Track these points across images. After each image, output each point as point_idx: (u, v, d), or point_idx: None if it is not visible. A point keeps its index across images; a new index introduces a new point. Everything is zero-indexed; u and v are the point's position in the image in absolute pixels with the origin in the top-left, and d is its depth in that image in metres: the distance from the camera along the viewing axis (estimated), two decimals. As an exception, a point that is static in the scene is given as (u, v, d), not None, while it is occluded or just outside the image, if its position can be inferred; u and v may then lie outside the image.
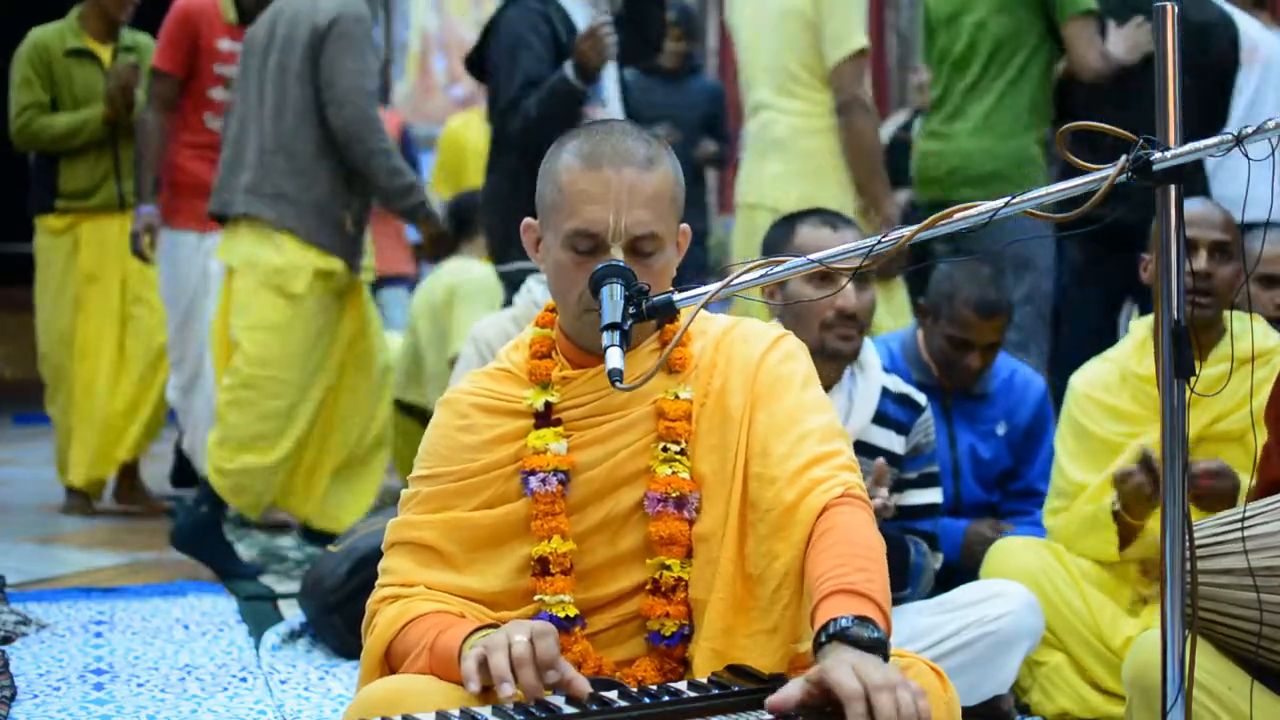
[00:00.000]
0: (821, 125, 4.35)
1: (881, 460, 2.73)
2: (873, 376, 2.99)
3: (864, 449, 2.87)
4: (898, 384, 3.02)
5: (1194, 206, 3.03)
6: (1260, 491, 2.45)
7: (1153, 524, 3.00)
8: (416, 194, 4.45)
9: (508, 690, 1.66)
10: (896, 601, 2.78)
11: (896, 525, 2.90)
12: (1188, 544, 1.72)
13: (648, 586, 1.92)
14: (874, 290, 2.99)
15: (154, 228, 5.13)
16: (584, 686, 1.69)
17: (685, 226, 1.99)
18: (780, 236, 3.03)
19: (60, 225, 5.39)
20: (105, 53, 5.40)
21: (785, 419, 1.91)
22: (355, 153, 4.34)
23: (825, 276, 2.81)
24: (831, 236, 2.92)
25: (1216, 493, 2.87)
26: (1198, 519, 2.17)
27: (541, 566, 1.92)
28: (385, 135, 4.40)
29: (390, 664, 1.91)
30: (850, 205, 4.29)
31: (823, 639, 1.62)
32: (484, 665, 1.69)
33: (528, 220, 2.02)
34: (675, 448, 1.92)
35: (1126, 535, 3.08)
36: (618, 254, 1.87)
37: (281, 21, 4.42)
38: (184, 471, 5.83)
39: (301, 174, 4.38)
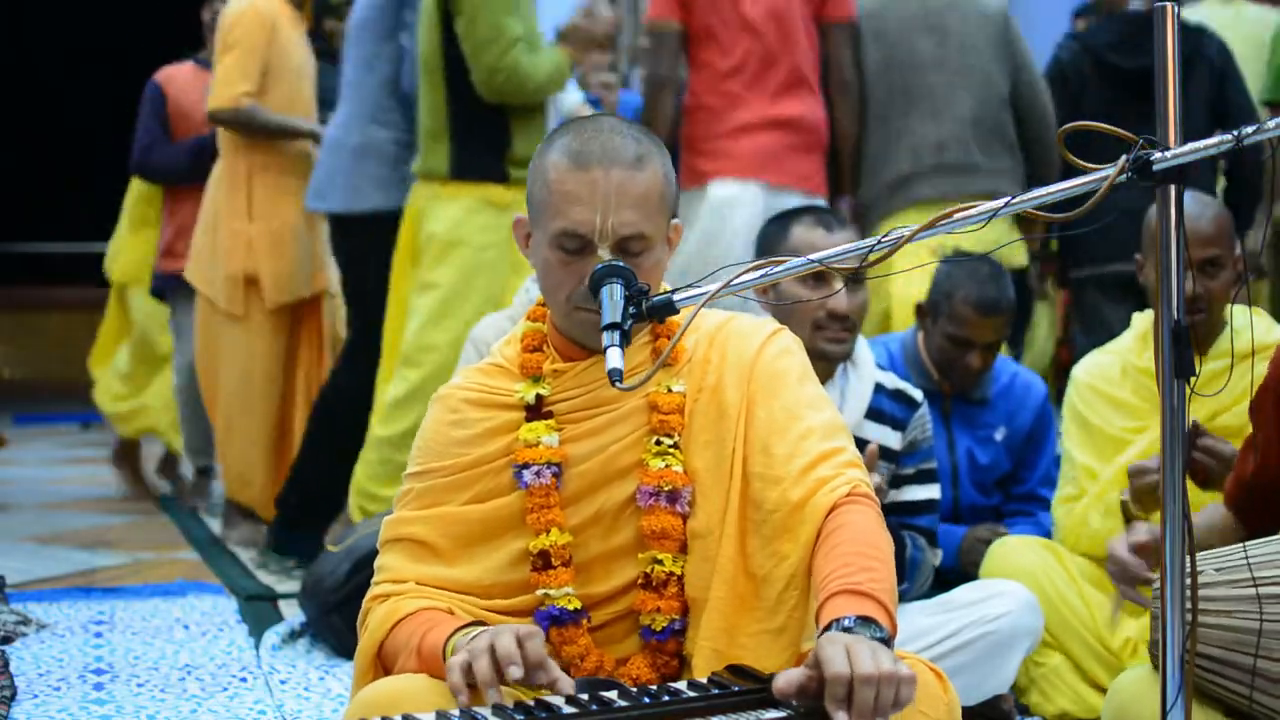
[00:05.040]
0: None
1: (873, 445, 2.72)
2: (865, 373, 2.98)
3: (858, 445, 2.86)
4: (893, 380, 3.01)
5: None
6: (1233, 488, 2.43)
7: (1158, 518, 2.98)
8: None
9: (494, 697, 1.65)
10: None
11: (894, 520, 2.90)
12: (1188, 544, 1.72)
13: (639, 581, 1.91)
14: (867, 292, 2.99)
15: None
16: (568, 687, 1.69)
17: (677, 222, 1.98)
18: (774, 235, 3.02)
19: (509, 199, 4.14)
20: None
21: (785, 416, 1.90)
22: (1047, 138, 4.37)
23: (819, 276, 2.81)
24: (825, 237, 2.91)
25: (1213, 469, 2.85)
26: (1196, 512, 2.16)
27: (543, 560, 1.91)
28: None
29: (383, 663, 1.91)
30: None
31: (826, 639, 1.62)
32: (468, 671, 1.68)
33: (518, 216, 2.02)
34: (668, 441, 1.91)
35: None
36: (605, 254, 1.86)
37: None
38: None
39: (1012, 152, 4.36)
